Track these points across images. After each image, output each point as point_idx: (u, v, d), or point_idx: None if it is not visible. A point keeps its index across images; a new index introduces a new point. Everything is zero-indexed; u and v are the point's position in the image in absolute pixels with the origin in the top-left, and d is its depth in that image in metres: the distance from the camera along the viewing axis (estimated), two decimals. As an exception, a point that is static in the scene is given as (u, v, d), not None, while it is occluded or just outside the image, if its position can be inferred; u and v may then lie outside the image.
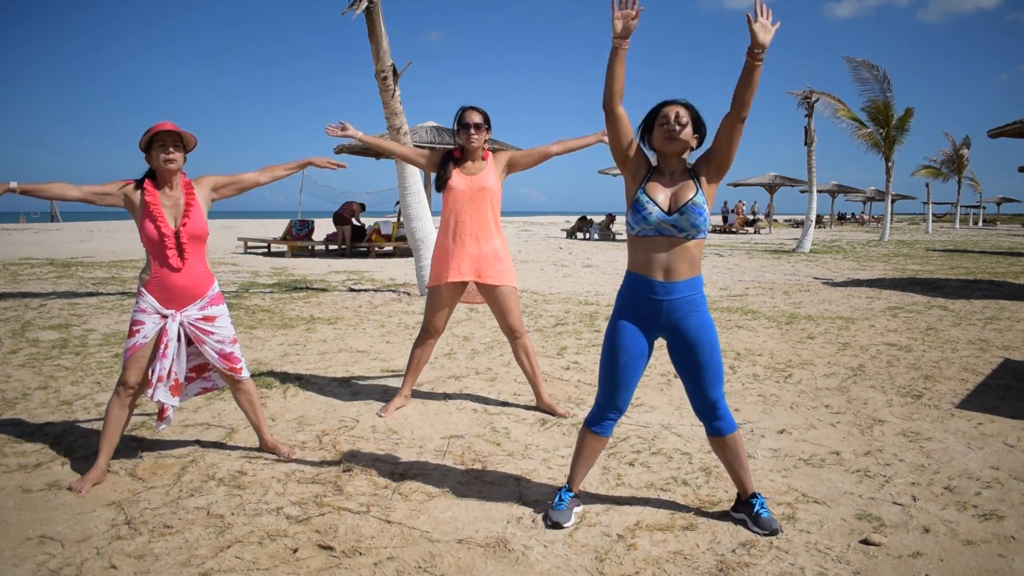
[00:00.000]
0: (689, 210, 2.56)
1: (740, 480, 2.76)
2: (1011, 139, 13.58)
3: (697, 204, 2.56)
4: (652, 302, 2.62)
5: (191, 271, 3.10)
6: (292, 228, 17.55)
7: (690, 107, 2.62)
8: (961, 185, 43.21)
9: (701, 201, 2.57)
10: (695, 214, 2.56)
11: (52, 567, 2.40)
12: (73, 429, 3.76)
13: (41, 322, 6.77)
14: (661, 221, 2.56)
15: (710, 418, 2.71)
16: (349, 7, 7.90)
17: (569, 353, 5.75)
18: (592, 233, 26.40)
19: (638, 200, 2.59)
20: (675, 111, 2.59)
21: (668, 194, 2.60)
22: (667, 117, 2.59)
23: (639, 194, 2.60)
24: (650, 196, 2.58)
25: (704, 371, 2.64)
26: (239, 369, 3.28)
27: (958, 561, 2.48)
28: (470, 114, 3.90)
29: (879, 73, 23.47)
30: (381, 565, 2.44)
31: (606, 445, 2.92)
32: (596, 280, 11.64)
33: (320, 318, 7.33)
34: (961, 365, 5.38)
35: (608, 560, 2.48)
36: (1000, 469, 3.31)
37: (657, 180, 2.63)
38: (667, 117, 2.59)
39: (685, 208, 2.56)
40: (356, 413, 4.10)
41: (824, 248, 20.54)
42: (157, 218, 3.02)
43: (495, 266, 3.95)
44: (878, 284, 10.96)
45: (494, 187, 3.95)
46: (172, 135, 3.02)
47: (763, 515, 2.68)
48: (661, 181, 2.63)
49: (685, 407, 4.25)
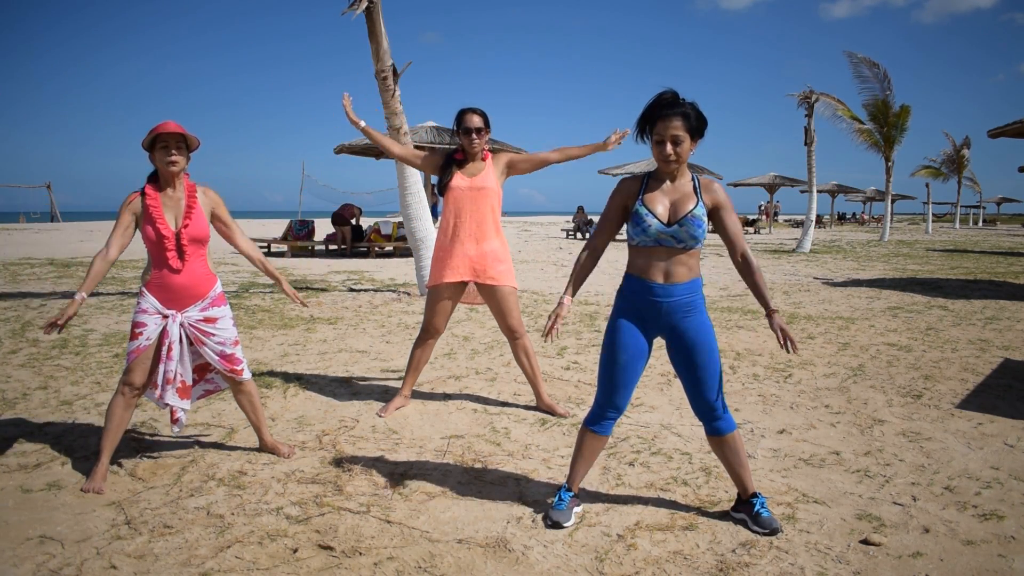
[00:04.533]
0: (688, 222, 2.56)
1: (740, 480, 2.76)
2: (1011, 139, 13.58)
3: (696, 216, 2.56)
4: (651, 303, 2.62)
5: (192, 272, 3.10)
6: (292, 228, 17.55)
7: (687, 114, 2.53)
8: (961, 185, 43.22)
9: (700, 213, 2.57)
10: (694, 226, 2.56)
11: (52, 567, 2.40)
12: (73, 429, 3.76)
13: (41, 322, 6.77)
14: (660, 232, 2.57)
15: (709, 418, 2.72)
16: (349, 7, 7.90)
17: (569, 353, 5.75)
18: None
19: (637, 212, 2.60)
20: (671, 134, 2.52)
21: (667, 204, 2.60)
22: (663, 140, 2.54)
23: (638, 206, 2.61)
24: (649, 208, 2.59)
25: (703, 371, 2.65)
26: (240, 371, 3.28)
27: (958, 561, 2.48)
28: (470, 118, 3.90)
29: (880, 71, 23.47)
30: (381, 565, 2.44)
31: (606, 445, 2.92)
32: (596, 280, 11.64)
33: (320, 318, 7.33)
34: (961, 365, 5.38)
35: (608, 560, 2.48)
36: (1000, 469, 3.31)
37: (656, 189, 2.63)
38: (663, 140, 2.54)
39: (684, 220, 2.56)
40: (356, 413, 4.10)
41: (824, 248, 20.54)
42: (157, 220, 3.02)
43: (495, 267, 3.96)
44: (878, 284, 10.96)
45: (494, 188, 3.95)
46: (175, 136, 3.02)
47: (763, 515, 2.68)
48: (660, 189, 2.63)
49: (685, 407, 4.25)
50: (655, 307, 2.62)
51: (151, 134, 2.99)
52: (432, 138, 15.72)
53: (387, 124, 8.53)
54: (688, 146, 2.57)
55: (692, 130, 2.56)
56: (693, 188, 2.63)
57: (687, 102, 2.56)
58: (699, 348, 2.63)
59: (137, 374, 3.10)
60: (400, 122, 8.41)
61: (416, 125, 16.16)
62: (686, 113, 2.53)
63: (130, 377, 3.10)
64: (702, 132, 2.61)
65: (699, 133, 2.60)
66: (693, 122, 2.55)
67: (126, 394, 3.12)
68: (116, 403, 3.12)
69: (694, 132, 2.57)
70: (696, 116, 2.56)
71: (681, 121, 2.53)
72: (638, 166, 24.31)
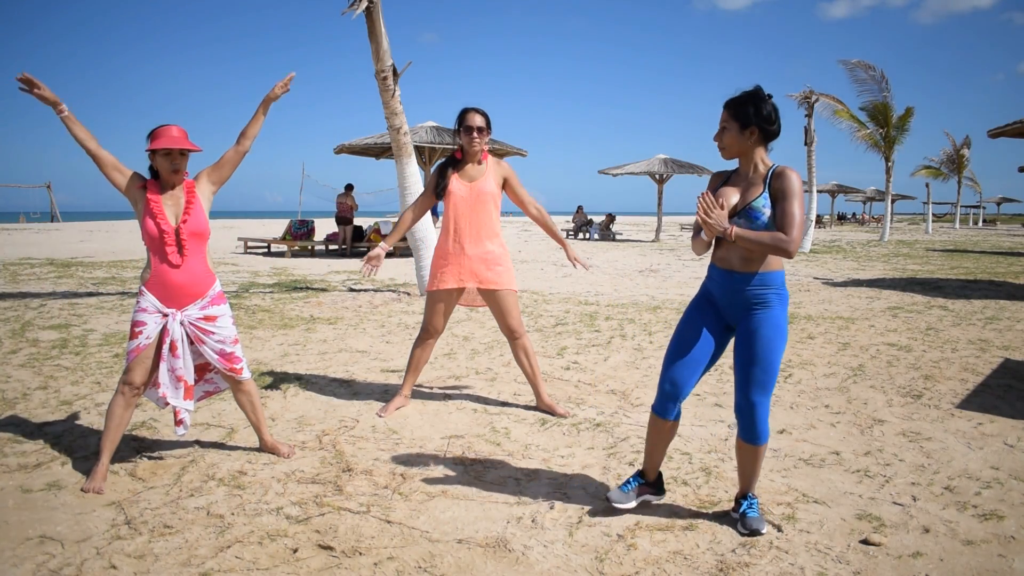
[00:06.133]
0: (746, 213, 2.54)
1: (745, 481, 2.76)
2: (1011, 139, 13.59)
3: (754, 208, 2.53)
4: (723, 291, 2.66)
5: (191, 269, 3.11)
6: (292, 228, 17.56)
7: (729, 104, 2.57)
8: (961, 185, 43.23)
9: (759, 205, 2.53)
10: (751, 218, 2.53)
11: (52, 567, 2.40)
12: (73, 429, 3.76)
13: (41, 322, 6.77)
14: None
15: (742, 417, 2.66)
16: (349, 7, 7.90)
17: (569, 353, 5.75)
18: (592, 233, 26.40)
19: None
20: (721, 126, 2.61)
21: (738, 196, 2.61)
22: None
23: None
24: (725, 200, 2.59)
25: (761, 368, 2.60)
26: (239, 370, 3.28)
27: (958, 561, 2.48)
28: (472, 116, 3.90)
29: (876, 73, 23.49)
30: (381, 565, 2.44)
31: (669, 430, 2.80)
32: (596, 280, 11.64)
33: (320, 318, 7.33)
34: (961, 365, 5.38)
35: (608, 560, 2.48)
36: (1000, 469, 3.31)
37: (734, 181, 2.65)
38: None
39: (743, 211, 2.56)
40: (356, 413, 4.10)
41: (824, 248, 20.54)
42: (157, 215, 3.04)
43: (494, 269, 3.96)
44: (878, 284, 10.96)
45: (493, 191, 3.95)
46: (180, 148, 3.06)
47: (748, 515, 2.69)
48: (736, 183, 2.63)
49: (685, 407, 4.25)
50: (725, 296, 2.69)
51: (157, 144, 3.01)
52: (432, 138, 15.72)
53: (387, 124, 8.54)
54: (735, 135, 2.57)
55: (738, 115, 2.56)
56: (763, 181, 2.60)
57: (748, 92, 2.57)
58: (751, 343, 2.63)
59: (137, 373, 3.10)
60: (400, 122, 8.41)
61: (416, 125, 16.16)
62: (730, 101, 2.58)
63: (130, 376, 3.10)
64: (758, 121, 2.55)
65: (748, 120, 2.55)
66: (734, 109, 2.56)
67: (126, 394, 3.12)
68: (116, 403, 3.12)
69: (740, 117, 2.55)
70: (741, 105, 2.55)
71: (725, 112, 2.59)
72: (638, 166, 24.33)
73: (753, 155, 2.60)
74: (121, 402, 3.12)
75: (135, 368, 3.09)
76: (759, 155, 2.60)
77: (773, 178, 2.55)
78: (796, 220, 2.46)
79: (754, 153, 2.60)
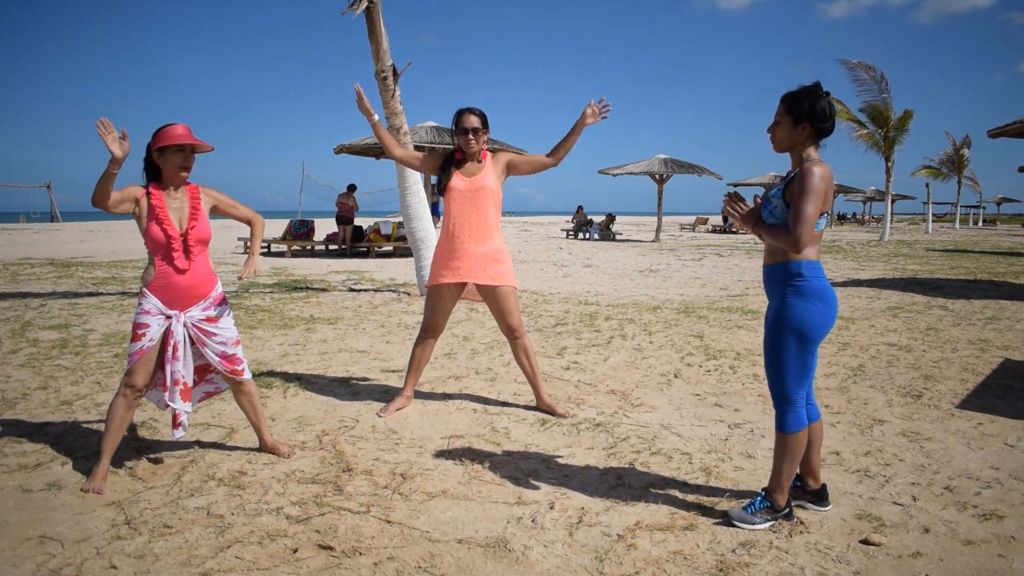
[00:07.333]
0: (763, 205, 2.66)
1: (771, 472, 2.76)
2: (1011, 139, 13.58)
3: (768, 200, 2.63)
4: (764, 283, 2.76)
5: (195, 272, 3.11)
6: (292, 228, 17.56)
7: (785, 98, 2.60)
8: (961, 185, 43.22)
9: (772, 196, 2.63)
10: (766, 209, 2.63)
11: (52, 567, 2.40)
12: (73, 429, 3.76)
13: (41, 322, 6.77)
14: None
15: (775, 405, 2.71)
16: (349, 7, 7.90)
17: (569, 353, 5.75)
18: (592, 233, 26.40)
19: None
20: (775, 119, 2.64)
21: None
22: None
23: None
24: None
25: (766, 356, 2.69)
26: (240, 371, 3.28)
27: (958, 561, 2.48)
28: (467, 118, 3.90)
29: (876, 74, 23.49)
30: (381, 565, 2.44)
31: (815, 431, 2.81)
32: (596, 280, 11.64)
33: (320, 318, 7.33)
34: (961, 365, 5.38)
35: (608, 560, 2.48)
36: (1000, 469, 3.31)
37: (787, 175, 2.71)
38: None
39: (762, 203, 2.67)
40: (356, 413, 4.10)
41: (824, 248, 20.54)
42: (163, 221, 3.03)
43: (494, 267, 3.96)
44: (878, 284, 10.96)
45: (493, 187, 3.96)
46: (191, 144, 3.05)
47: (747, 509, 2.71)
48: (787, 177, 2.69)
49: (685, 407, 4.25)
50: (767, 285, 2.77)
51: (168, 140, 3.00)
52: (432, 138, 15.71)
53: (387, 124, 8.53)
54: (787, 130, 2.60)
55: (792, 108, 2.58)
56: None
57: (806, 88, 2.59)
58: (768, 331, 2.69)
59: (140, 375, 3.10)
60: (400, 122, 8.41)
61: (416, 125, 16.16)
62: (786, 95, 2.61)
63: (132, 379, 3.10)
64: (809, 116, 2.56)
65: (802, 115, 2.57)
66: (786, 104, 2.60)
67: (127, 395, 3.11)
68: (117, 404, 3.12)
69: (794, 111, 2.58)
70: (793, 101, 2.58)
71: (781, 105, 2.62)
72: (638, 166, 24.32)
73: (802, 150, 2.63)
74: (122, 404, 3.12)
75: (138, 370, 3.09)
76: (808, 151, 2.63)
77: (798, 174, 2.57)
78: (800, 217, 2.49)
79: (804, 148, 2.63)
